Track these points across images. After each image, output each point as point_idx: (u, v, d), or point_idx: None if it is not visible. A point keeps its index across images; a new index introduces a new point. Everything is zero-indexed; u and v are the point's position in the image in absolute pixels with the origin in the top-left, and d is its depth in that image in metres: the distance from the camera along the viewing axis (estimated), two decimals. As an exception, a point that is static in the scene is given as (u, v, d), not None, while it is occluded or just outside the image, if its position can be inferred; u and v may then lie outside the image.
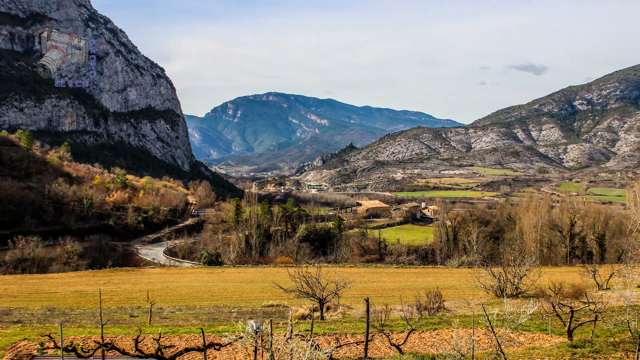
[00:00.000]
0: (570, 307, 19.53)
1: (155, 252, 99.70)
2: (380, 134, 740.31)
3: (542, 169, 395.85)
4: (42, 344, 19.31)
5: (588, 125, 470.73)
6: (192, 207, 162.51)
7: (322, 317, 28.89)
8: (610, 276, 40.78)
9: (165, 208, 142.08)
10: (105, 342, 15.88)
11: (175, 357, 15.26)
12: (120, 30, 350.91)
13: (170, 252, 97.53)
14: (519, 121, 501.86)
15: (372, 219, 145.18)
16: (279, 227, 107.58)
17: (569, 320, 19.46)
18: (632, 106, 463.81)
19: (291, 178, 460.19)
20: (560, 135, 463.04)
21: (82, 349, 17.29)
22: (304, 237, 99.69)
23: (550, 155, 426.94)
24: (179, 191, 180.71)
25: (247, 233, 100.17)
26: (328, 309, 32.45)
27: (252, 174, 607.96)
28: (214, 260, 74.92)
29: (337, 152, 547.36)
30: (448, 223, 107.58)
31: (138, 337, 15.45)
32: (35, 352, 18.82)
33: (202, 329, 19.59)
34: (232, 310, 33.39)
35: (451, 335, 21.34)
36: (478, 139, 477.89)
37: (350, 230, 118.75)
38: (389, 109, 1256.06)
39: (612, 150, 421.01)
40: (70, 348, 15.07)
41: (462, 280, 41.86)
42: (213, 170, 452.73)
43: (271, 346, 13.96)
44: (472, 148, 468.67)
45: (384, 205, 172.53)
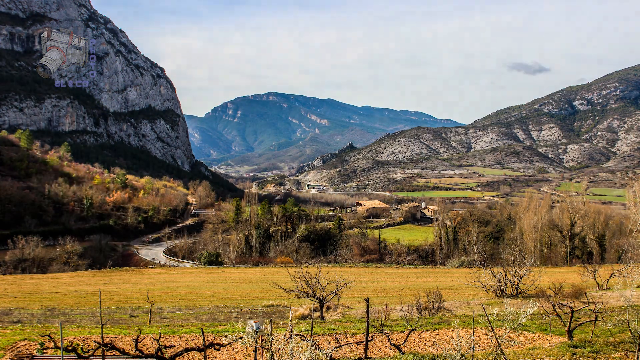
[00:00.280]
0: (570, 307, 19.52)
1: (155, 252, 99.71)
2: (380, 134, 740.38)
3: (542, 169, 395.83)
4: (42, 344, 19.31)
5: (588, 125, 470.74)
6: (192, 207, 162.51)
7: (322, 317, 28.89)
8: (610, 276, 40.78)
9: (165, 208, 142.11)
10: (105, 342, 15.88)
11: (175, 357, 15.26)
12: (120, 30, 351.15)
13: (170, 252, 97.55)
14: (519, 121, 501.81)
15: (372, 219, 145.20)
16: (279, 227, 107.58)
17: (569, 320, 19.45)
18: (632, 106, 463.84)
19: (291, 178, 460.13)
20: (560, 135, 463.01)
21: (82, 349, 17.30)
22: (304, 237, 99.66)
23: (550, 155, 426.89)
24: (179, 191, 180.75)
25: (247, 233, 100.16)
26: (328, 309, 32.44)
27: (252, 174, 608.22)
28: (214, 260, 74.91)
29: (337, 152, 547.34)
30: (448, 223, 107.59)
31: (138, 337, 15.45)
32: (35, 352, 18.82)
33: (202, 329, 19.59)
34: (232, 310, 33.38)
35: (451, 335, 21.34)
36: (478, 139, 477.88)
37: (350, 230, 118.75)
38: (389, 109, 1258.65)
39: (612, 150, 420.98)
40: (70, 348, 15.07)
41: (462, 280, 41.85)
42: (213, 170, 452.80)
43: (271, 346, 13.96)
44: (472, 148, 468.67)
45: (384, 205, 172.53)
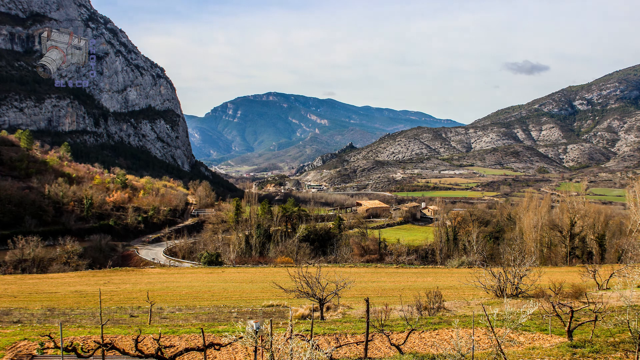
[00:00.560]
0: (570, 307, 19.52)
1: (155, 252, 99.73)
2: (380, 134, 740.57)
3: (542, 169, 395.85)
4: (42, 344, 19.30)
5: (588, 125, 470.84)
6: (192, 207, 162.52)
7: (322, 317, 28.88)
8: (610, 276, 40.77)
9: (165, 208, 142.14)
10: (105, 342, 15.88)
11: (175, 357, 15.26)
12: (120, 30, 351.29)
13: (170, 252, 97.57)
14: (519, 121, 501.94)
15: (372, 219, 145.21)
16: (279, 227, 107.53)
17: (569, 320, 19.45)
18: (632, 106, 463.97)
19: (291, 178, 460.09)
20: (560, 135, 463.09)
21: (82, 349, 17.30)
22: (304, 237, 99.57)
23: (550, 155, 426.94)
24: (179, 191, 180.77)
25: (247, 233, 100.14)
26: (328, 309, 32.44)
27: (252, 174, 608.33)
28: (214, 260, 74.88)
29: (337, 152, 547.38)
30: (448, 223, 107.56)
31: (138, 337, 15.45)
32: (35, 352, 18.81)
33: (202, 329, 19.58)
34: (232, 310, 33.37)
35: (451, 335, 21.33)
36: (478, 139, 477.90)
37: (350, 230, 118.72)
38: (389, 109, 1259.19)
39: (612, 150, 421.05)
40: (70, 348, 15.07)
41: (462, 280, 41.83)
42: (213, 170, 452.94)
43: (271, 346, 13.96)
44: (472, 148, 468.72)
45: (384, 205, 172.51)
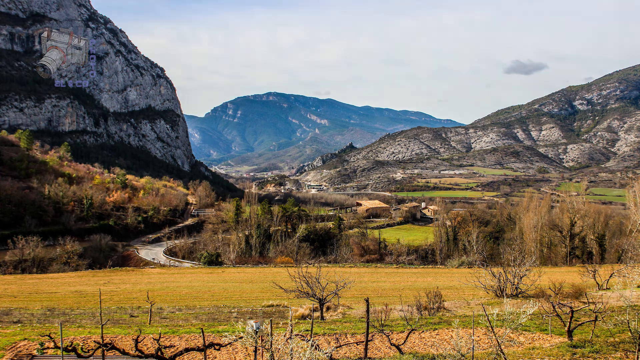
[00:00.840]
0: (570, 307, 19.52)
1: (155, 252, 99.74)
2: (380, 134, 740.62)
3: (542, 169, 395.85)
4: (42, 344, 19.30)
5: (588, 125, 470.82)
6: (192, 207, 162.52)
7: (322, 317, 28.88)
8: (610, 276, 40.77)
9: (165, 208, 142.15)
10: (105, 342, 15.87)
11: (175, 357, 15.26)
12: (120, 30, 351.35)
13: (170, 252, 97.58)
14: (519, 121, 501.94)
15: (372, 219, 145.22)
16: (279, 227, 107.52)
17: (569, 320, 19.45)
18: (632, 106, 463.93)
19: (291, 178, 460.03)
20: (560, 135, 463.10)
21: (82, 349, 17.30)
22: (304, 237, 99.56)
23: (550, 155, 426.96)
24: (179, 191, 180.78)
25: (247, 233, 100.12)
26: (328, 309, 32.44)
27: (252, 174, 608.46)
28: (214, 260, 74.87)
29: (337, 152, 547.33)
30: (448, 223, 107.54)
31: (138, 337, 15.45)
32: (35, 352, 18.81)
33: (202, 329, 19.58)
34: (232, 310, 33.38)
35: (451, 335, 21.33)
36: (478, 139, 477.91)
37: (350, 230, 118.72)
38: (389, 109, 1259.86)
39: (612, 150, 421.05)
40: (70, 348, 15.07)
41: (462, 280, 41.82)
42: (213, 170, 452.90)
43: (271, 346, 13.96)
44: (472, 148, 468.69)
45: (384, 205, 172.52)
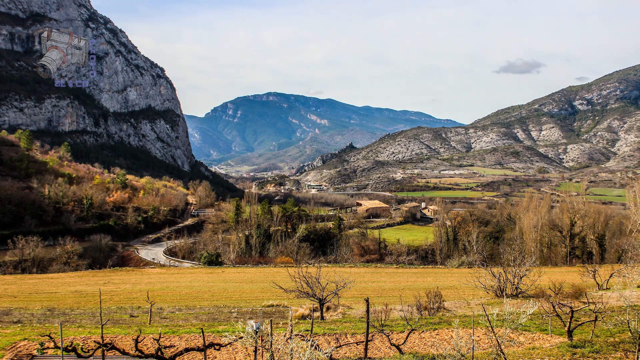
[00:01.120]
0: (570, 307, 19.52)
1: (155, 252, 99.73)
2: (380, 134, 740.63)
3: (542, 169, 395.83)
4: (42, 344, 19.30)
5: (588, 125, 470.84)
6: (192, 207, 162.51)
7: (322, 317, 28.88)
8: (610, 276, 40.75)
9: (165, 208, 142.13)
10: (105, 342, 15.87)
11: (175, 357, 15.26)
12: (120, 30, 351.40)
13: (170, 252, 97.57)
14: (519, 121, 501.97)
15: (372, 219, 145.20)
16: (279, 227, 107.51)
17: (569, 320, 19.45)
18: (632, 106, 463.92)
19: (291, 178, 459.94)
20: (560, 135, 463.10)
21: (82, 349, 17.30)
22: (304, 237, 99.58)
23: (550, 155, 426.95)
24: (179, 191, 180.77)
25: (247, 233, 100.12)
26: (328, 309, 32.43)
27: (252, 174, 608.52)
28: (214, 260, 74.88)
29: (337, 152, 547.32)
30: (448, 223, 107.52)
31: (138, 337, 15.45)
32: (35, 352, 18.81)
33: (202, 329, 19.58)
34: (232, 310, 33.37)
35: (451, 335, 21.33)
36: (478, 139, 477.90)
37: (350, 230, 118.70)
38: (389, 109, 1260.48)
39: (612, 150, 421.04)
40: (70, 348, 15.07)
41: (462, 280, 41.81)
42: (213, 170, 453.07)
43: (271, 346, 13.96)
44: (472, 148, 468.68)
45: (384, 205, 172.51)
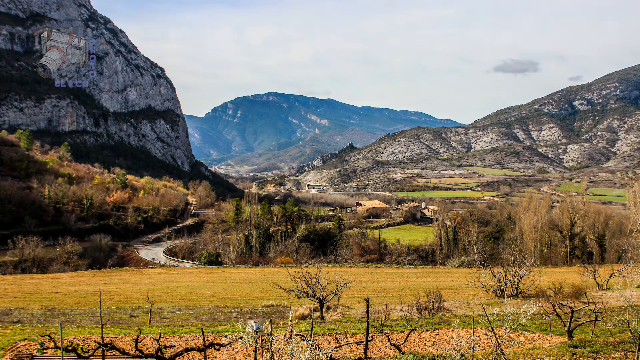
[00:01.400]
0: (570, 307, 19.52)
1: (155, 252, 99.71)
2: (380, 134, 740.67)
3: (542, 169, 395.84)
4: (42, 344, 19.31)
5: (588, 125, 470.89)
6: (192, 207, 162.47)
7: (322, 317, 28.88)
8: (610, 276, 40.75)
9: (165, 208, 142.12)
10: (105, 342, 15.87)
11: (175, 357, 15.26)
12: (120, 30, 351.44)
13: (170, 252, 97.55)
14: (519, 121, 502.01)
15: (372, 219, 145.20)
16: (279, 227, 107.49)
17: (569, 320, 19.45)
18: (632, 106, 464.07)
19: (291, 178, 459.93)
20: (560, 135, 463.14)
21: (82, 349, 17.30)
22: (304, 237, 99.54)
23: (550, 155, 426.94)
24: (179, 191, 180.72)
25: (247, 233, 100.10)
26: (328, 309, 32.43)
27: (252, 174, 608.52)
28: (214, 260, 74.88)
29: (337, 152, 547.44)
30: (448, 223, 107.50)
31: (138, 337, 15.45)
32: (35, 352, 18.81)
33: (202, 329, 19.58)
34: (232, 310, 33.37)
35: (451, 335, 21.33)
36: (478, 139, 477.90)
37: (350, 230, 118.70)
38: (389, 109, 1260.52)
39: (612, 150, 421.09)
40: (70, 348, 15.07)
41: (462, 280, 41.81)
42: (213, 170, 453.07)
43: (271, 346, 13.96)
44: (472, 148, 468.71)
45: (384, 205, 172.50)
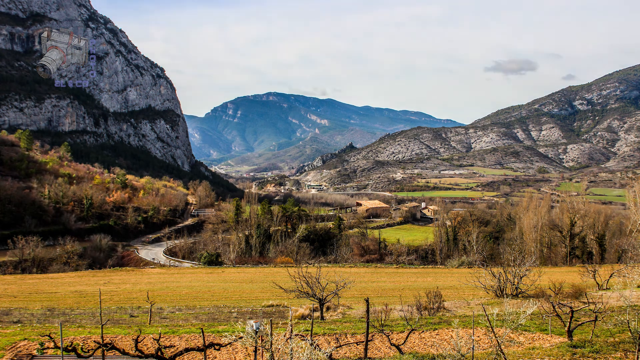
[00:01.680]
0: (570, 307, 19.52)
1: (155, 252, 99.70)
2: (380, 134, 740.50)
3: (542, 169, 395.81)
4: (42, 344, 19.31)
5: (588, 125, 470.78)
6: (192, 207, 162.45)
7: (322, 317, 28.88)
8: (610, 276, 40.75)
9: (165, 208, 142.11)
10: (105, 342, 15.87)
11: (175, 357, 15.26)
12: (120, 30, 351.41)
13: (170, 252, 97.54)
14: (519, 121, 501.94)
15: (372, 219, 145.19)
16: (279, 227, 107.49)
17: (569, 320, 19.45)
18: (632, 106, 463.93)
19: (291, 178, 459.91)
20: (560, 135, 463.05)
21: (82, 349, 17.30)
22: (304, 237, 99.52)
23: (550, 155, 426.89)
24: (179, 191, 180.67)
25: (247, 233, 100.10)
26: (328, 309, 32.43)
27: (252, 174, 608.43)
28: (214, 260, 74.88)
29: (337, 152, 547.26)
30: (448, 223, 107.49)
31: (138, 337, 15.45)
32: (35, 352, 18.81)
33: (202, 329, 19.59)
34: (232, 310, 33.37)
35: (451, 335, 21.33)
36: (478, 139, 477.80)
37: (350, 230, 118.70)
38: (389, 109, 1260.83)
39: (612, 150, 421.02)
40: (70, 348, 15.07)
41: (462, 280, 41.81)
42: (213, 170, 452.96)
43: (271, 346, 13.96)
44: (472, 148, 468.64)
45: (384, 205, 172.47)
